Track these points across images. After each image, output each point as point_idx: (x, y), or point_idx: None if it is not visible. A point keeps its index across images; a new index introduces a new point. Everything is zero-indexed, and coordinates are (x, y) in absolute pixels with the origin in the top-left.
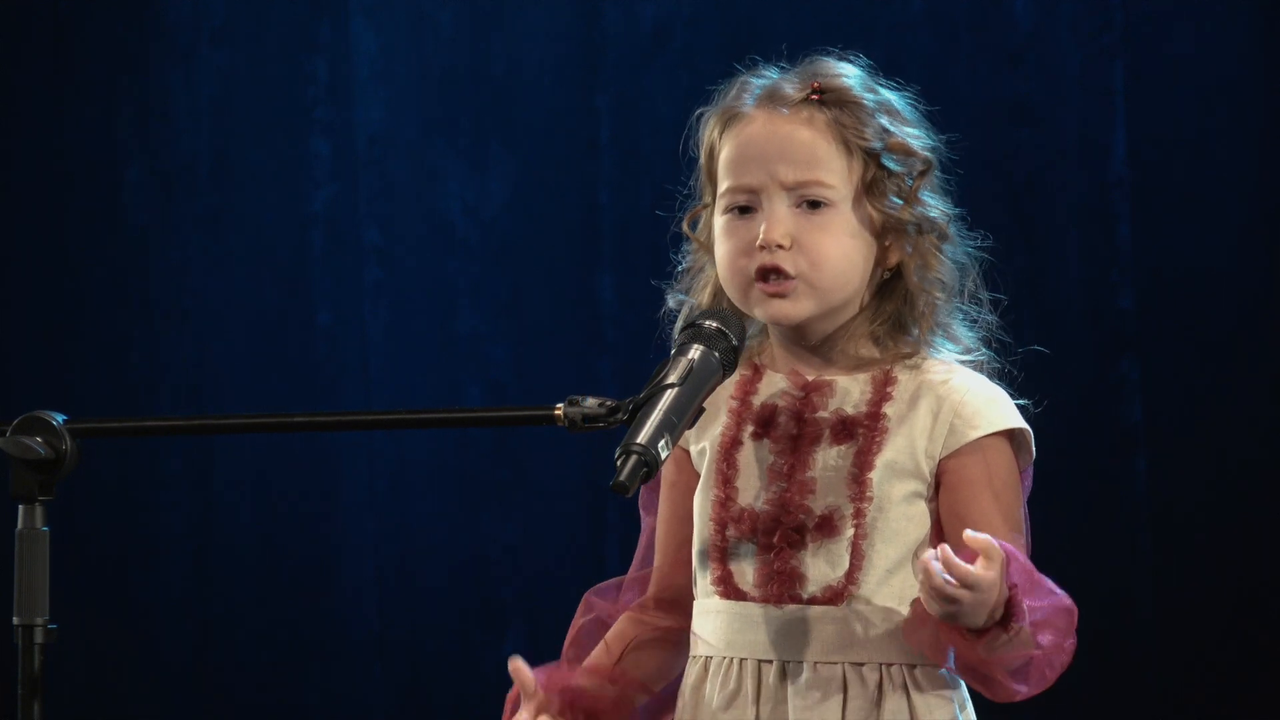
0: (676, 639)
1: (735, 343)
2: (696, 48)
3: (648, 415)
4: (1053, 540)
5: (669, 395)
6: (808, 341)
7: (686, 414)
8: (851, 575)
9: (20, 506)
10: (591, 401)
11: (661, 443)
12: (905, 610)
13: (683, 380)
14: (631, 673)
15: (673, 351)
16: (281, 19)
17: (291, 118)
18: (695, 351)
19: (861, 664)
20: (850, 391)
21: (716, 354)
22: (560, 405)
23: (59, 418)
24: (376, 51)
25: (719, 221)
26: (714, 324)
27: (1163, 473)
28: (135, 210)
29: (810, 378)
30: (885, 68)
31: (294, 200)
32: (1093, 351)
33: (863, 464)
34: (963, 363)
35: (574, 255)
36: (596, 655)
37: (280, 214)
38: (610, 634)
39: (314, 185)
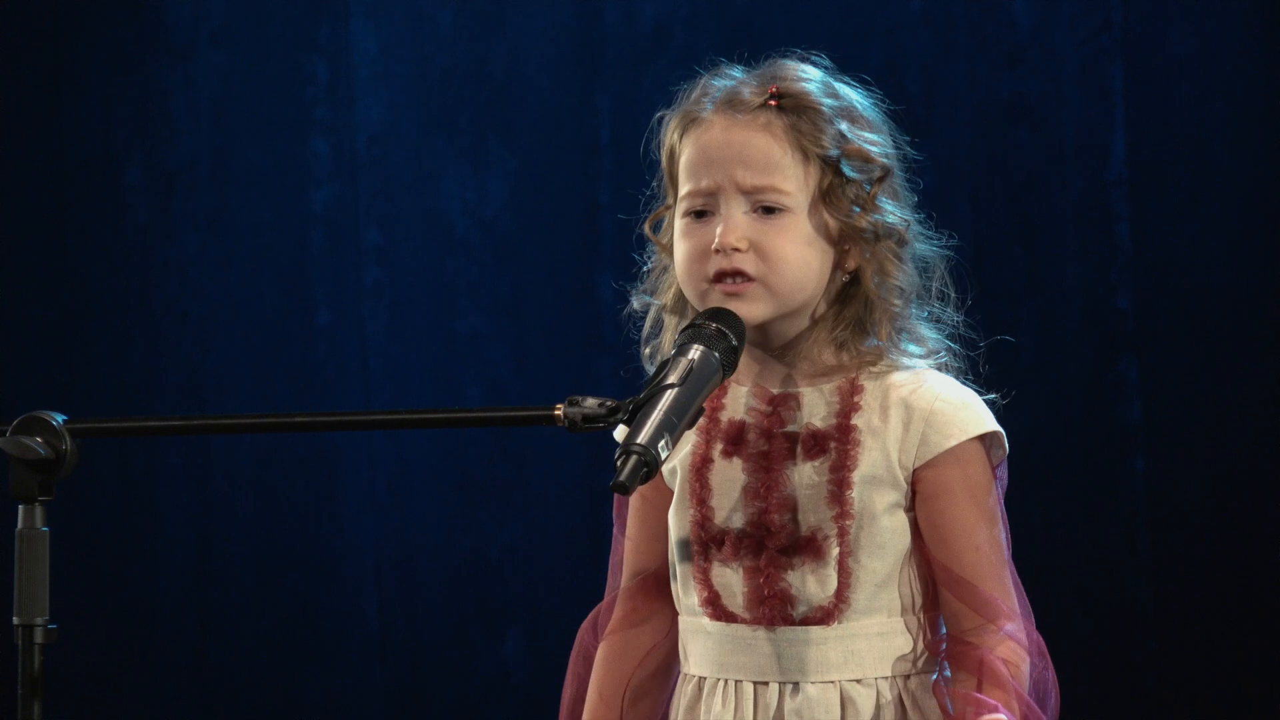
0: (665, 659)
1: (735, 343)
2: (696, 48)
3: (648, 415)
4: (1053, 540)
5: (669, 396)
6: (770, 346)
7: (686, 414)
8: (841, 594)
9: (20, 506)
10: (591, 401)
11: (661, 443)
12: (897, 621)
13: (683, 381)
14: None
15: (673, 352)
16: (281, 19)
17: (291, 118)
18: (695, 352)
19: (858, 680)
20: (816, 404)
21: (716, 354)
22: (560, 405)
23: (59, 418)
24: (376, 51)
25: (678, 225)
26: (714, 324)
27: (1162, 473)
28: (135, 210)
29: (775, 390)
30: (885, 68)
31: (294, 200)
32: (1091, 351)
33: (841, 480)
34: (928, 364)
35: (574, 255)
36: (595, 709)
37: (280, 214)
38: (601, 674)
39: (314, 185)
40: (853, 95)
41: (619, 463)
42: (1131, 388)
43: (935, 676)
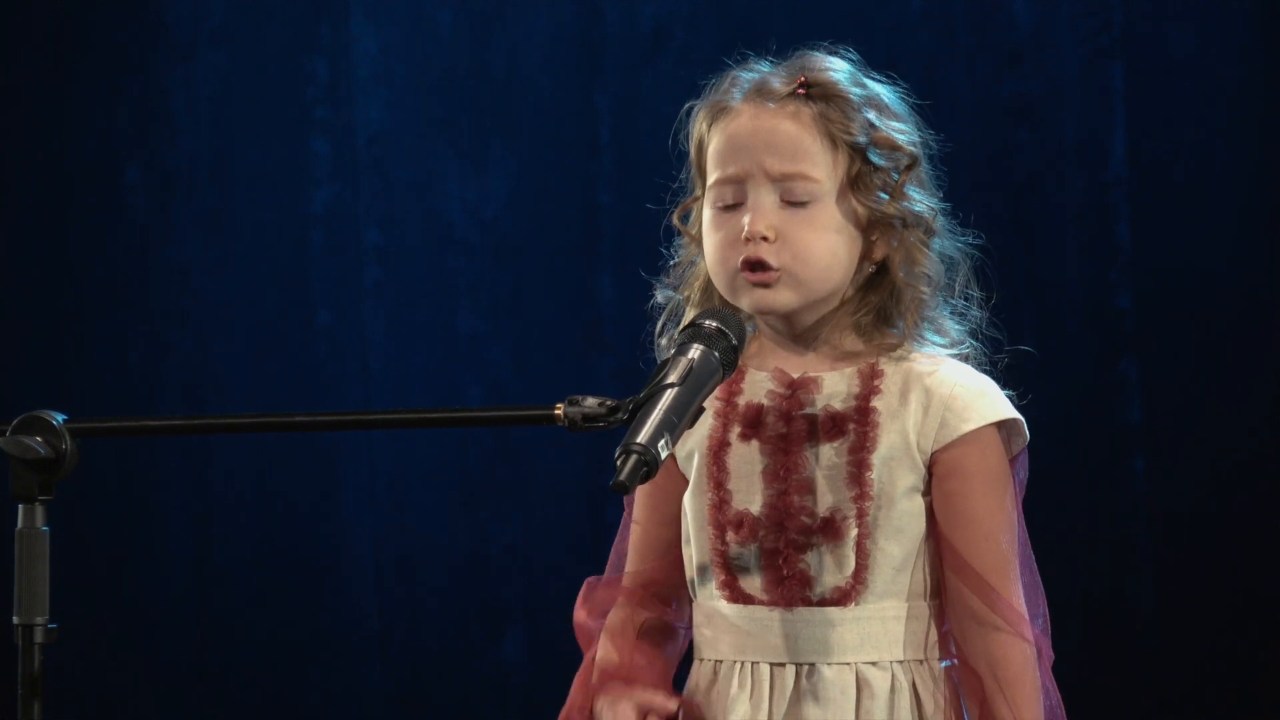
0: (670, 627)
1: (735, 342)
2: (696, 48)
3: (648, 415)
4: (1053, 540)
5: (669, 395)
6: (793, 331)
7: (686, 414)
8: (859, 575)
9: (20, 506)
10: (591, 401)
11: (661, 442)
12: (913, 605)
13: (683, 380)
14: (652, 651)
15: (673, 351)
16: (281, 19)
17: (291, 118)
18: (695, 351)
19: (874, 662)
20: (837, 386)
21: (716, 353)
22: (560, 405)
23: (59, 418)
24: (376, 51)
25: (707, 215)
26: (714, 323)
27: (1161, 473)
28: (135, 210)
29: (795, 375)
30: (884, 67)
31: (294, 200)
32: (1092, 351)
33: (860, 462)
34: (949, 355)
35: (574, 255)
36: (606, 650)
37: (280, 214)
38: (610, 625)
39: (314, 185)
40: (880, 87)
41: (619, 462)
42: (1131, 388)
43: (949, 663)
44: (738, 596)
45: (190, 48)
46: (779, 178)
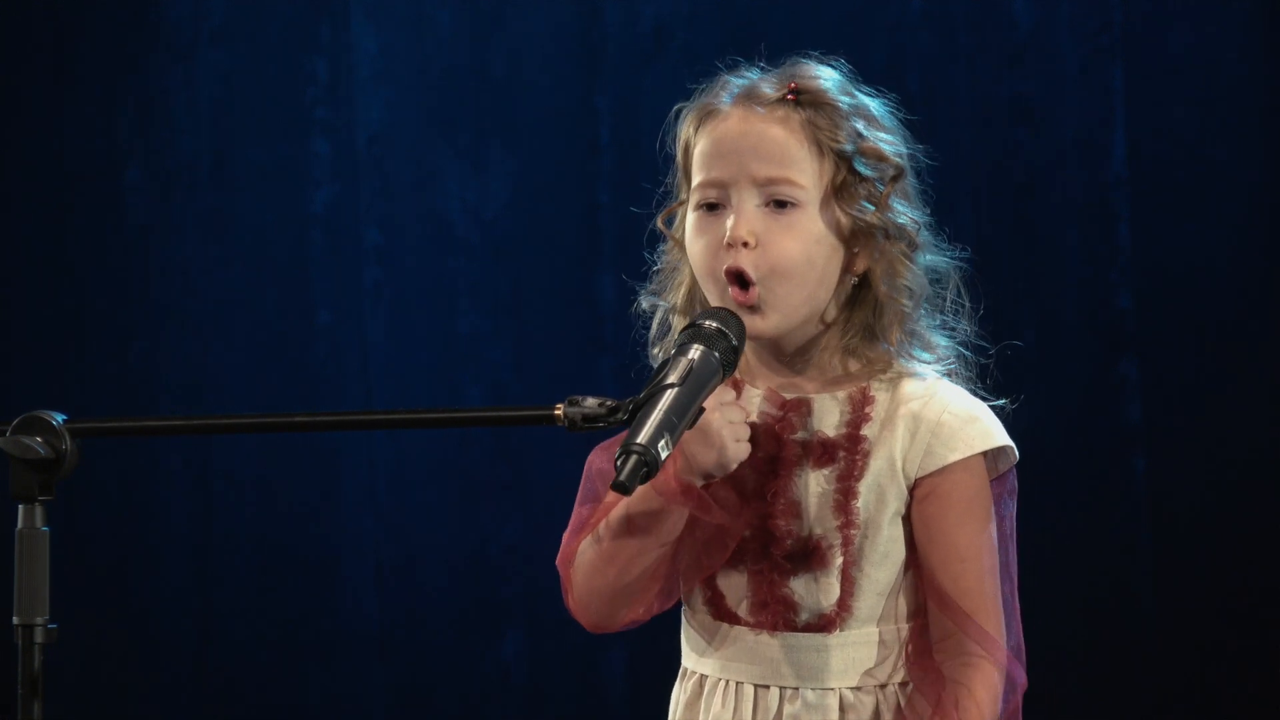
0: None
1: (735, 343)
2: (696, 48)
3: (648, 415)
4: (1053, 540)
5: (669, 395)
6: (782, 354)
7: (687, 414)
8: (844, 602)
9: (20, 506)
10: (591, 401)
11: (661, 443)
12: (898, 628)
13: (683, 380)
14: None
15: (673, 351)
16: (281, 19)
17: (291, 118)
18: (695, 352)
19: (859, 687)
20: (828, 411)
21: (716, 354)
22: (560, 405)
23: (59, 418)
24: (376, 51)
25: (690, 217)
26: (714, 324)
27: (1162, 473)
28: (135, 210)
29: (788, 396)
30: (885, 68)
31: (294, 200)
32: (1092, 351)
33: (847, 490)
34: (937, 370)
35: (574, 255)
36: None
37: (280, 214)
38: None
39: (314, 185)
40: (869, 99)
41: (619, 462)
42: (1131, 388)
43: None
44: (723, 614)
45: (190, 48)
46: (764, 182)
